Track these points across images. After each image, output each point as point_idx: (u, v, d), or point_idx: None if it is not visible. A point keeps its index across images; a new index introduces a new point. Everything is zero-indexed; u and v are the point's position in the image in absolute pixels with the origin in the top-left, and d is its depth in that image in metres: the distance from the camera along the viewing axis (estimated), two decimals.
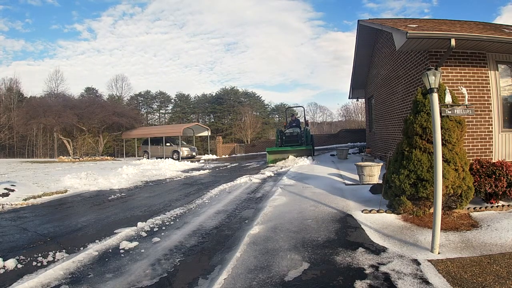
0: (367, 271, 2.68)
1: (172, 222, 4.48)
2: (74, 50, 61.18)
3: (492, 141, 5.61)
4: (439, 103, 3.25)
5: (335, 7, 70.47)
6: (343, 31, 67.61)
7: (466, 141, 5.37)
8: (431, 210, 4.03)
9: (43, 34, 58.63)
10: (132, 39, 62.39)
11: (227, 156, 21.87)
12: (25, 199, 6.13)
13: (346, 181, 6.80)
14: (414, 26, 6.07)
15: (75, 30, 59.60)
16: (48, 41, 59.41)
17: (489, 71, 5.64)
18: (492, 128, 5.61)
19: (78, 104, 22.73)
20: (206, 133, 24.74)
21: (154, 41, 63.68)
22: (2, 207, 5.55)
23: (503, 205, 4.28)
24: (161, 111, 44.64)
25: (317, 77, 71.35)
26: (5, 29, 50.48)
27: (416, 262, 2.83)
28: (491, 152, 5.60)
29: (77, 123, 21.76)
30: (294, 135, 13.34)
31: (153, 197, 6.57)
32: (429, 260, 2.85)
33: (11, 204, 5.77)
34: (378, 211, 4.35)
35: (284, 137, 13.49)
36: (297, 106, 26.12)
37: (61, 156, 21.34)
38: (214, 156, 21.06)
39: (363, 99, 14.04)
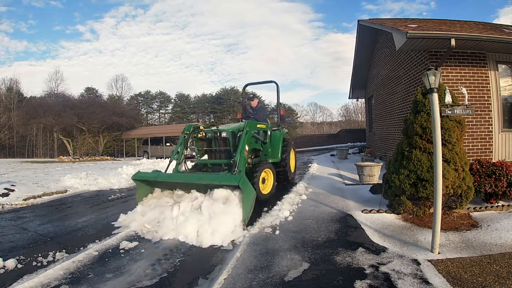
0: (367, 271, 2.68)
1: None
2: (76, 50, 61.08)
3: (492, 141, 5.62)
4: (439, 103, 3.25)
5: (334, 9, 70.66)
6: (342, 32, 67.66)
7: (466, 141, 5.38)
8: (431, 210, 4.03)
9: (46, 35, 58.60)
10: (133, 40, 62.33)
11: None
12: (25, 199, 6.13)
13: (346, 181, 6.80)
14: (414, 26, 6.07)
15: (78, 31, 59.65)
16: (51, 42, 59.40)
17: (489, 71, 5.64)
18: (492, 128, 5.61)
19: (78, 104, 22.73)
20: None
21: (155, 42, 63.61)
22: (2, 207, 5.55)
23: (503, 205, 4.28)
24: (161, 111, 44.63)
25: (317, 78, 71.40)
26: (10, 30, 50.49)
27: (416, 262, 2.83)
28: (491, 152, 5.60)
29: (77, 123, 21.78)
30: (223, 138, 5.34)
31: None
32: (429, 260, 2.85)
33: (11, 204, 5.77)
34: (378, 211, 4.35)
35: (197, 144, 5.84)
36: (266, 82, 7.64)
37: (61, 156, 21.34)
38: None
39: (363, 99, 14.05)
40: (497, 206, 4.28)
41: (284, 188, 6.14)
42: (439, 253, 3.00)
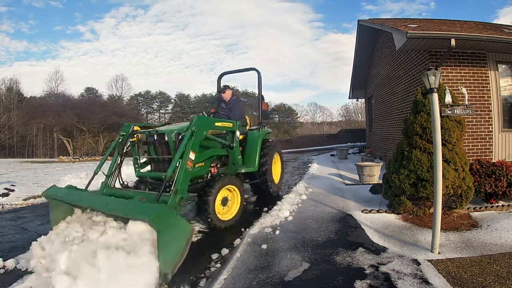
0: (367, 271, 2.68)
1: None
2: (76, 51, 60.91)
3: (492, 141, 5.61)
4: (439, 103, 3.25)
5: (334, 9, 70.62)
6: (342, 32, 67.61)
7: (466, 141, 5.38)
8: (431, 210, 4.03)
9: (46, 35, 58.38)
10: (134, 40, 62.16)
11: None
12: (25, 199, 6.13)
13: (346, 181, 6.80)
14: (414, 26, 6.07)
15: (78, 32, 59.55)
16: (51, 42, 59.27)
17: (489, 71, 5.64)
18: (492, 128, 5.61)
19: (78, 104, 22.83)
20: None
21: (156, 42, 63.44)
22: (2, 207, 5.55)
23: (503, 205, 4.28)
24: (161, 111, 44.64)
25: (317, 78, 71.29)
26: (10, 30, 50.42)
27: (416, 262, 2.83)
28: (491, 152, 5.60)
29: (77, 123, 21.83)
30: (166, 142, 3.95)
31: None
32: (429, 260, 2.85)
33: (11, 204, 5.77)
34: (378, 211, 4.34)
35: (133, 151, 4.29)
36: (245, 70, 6.07)
37: (61, 156, 21.36)
38: None
39: (363, 99, 14.05)
40: (497, 206, 4.28)
41: (282, 189, 6.14)
42: (439, 253, 3.00)
